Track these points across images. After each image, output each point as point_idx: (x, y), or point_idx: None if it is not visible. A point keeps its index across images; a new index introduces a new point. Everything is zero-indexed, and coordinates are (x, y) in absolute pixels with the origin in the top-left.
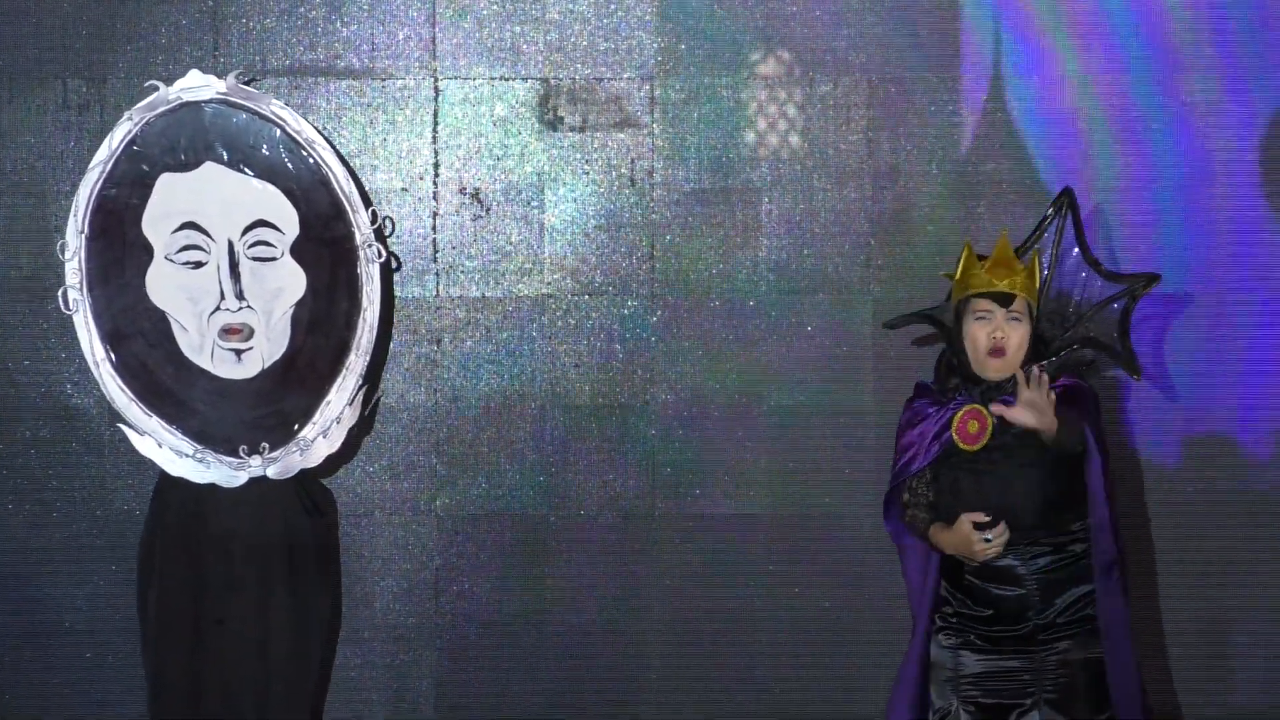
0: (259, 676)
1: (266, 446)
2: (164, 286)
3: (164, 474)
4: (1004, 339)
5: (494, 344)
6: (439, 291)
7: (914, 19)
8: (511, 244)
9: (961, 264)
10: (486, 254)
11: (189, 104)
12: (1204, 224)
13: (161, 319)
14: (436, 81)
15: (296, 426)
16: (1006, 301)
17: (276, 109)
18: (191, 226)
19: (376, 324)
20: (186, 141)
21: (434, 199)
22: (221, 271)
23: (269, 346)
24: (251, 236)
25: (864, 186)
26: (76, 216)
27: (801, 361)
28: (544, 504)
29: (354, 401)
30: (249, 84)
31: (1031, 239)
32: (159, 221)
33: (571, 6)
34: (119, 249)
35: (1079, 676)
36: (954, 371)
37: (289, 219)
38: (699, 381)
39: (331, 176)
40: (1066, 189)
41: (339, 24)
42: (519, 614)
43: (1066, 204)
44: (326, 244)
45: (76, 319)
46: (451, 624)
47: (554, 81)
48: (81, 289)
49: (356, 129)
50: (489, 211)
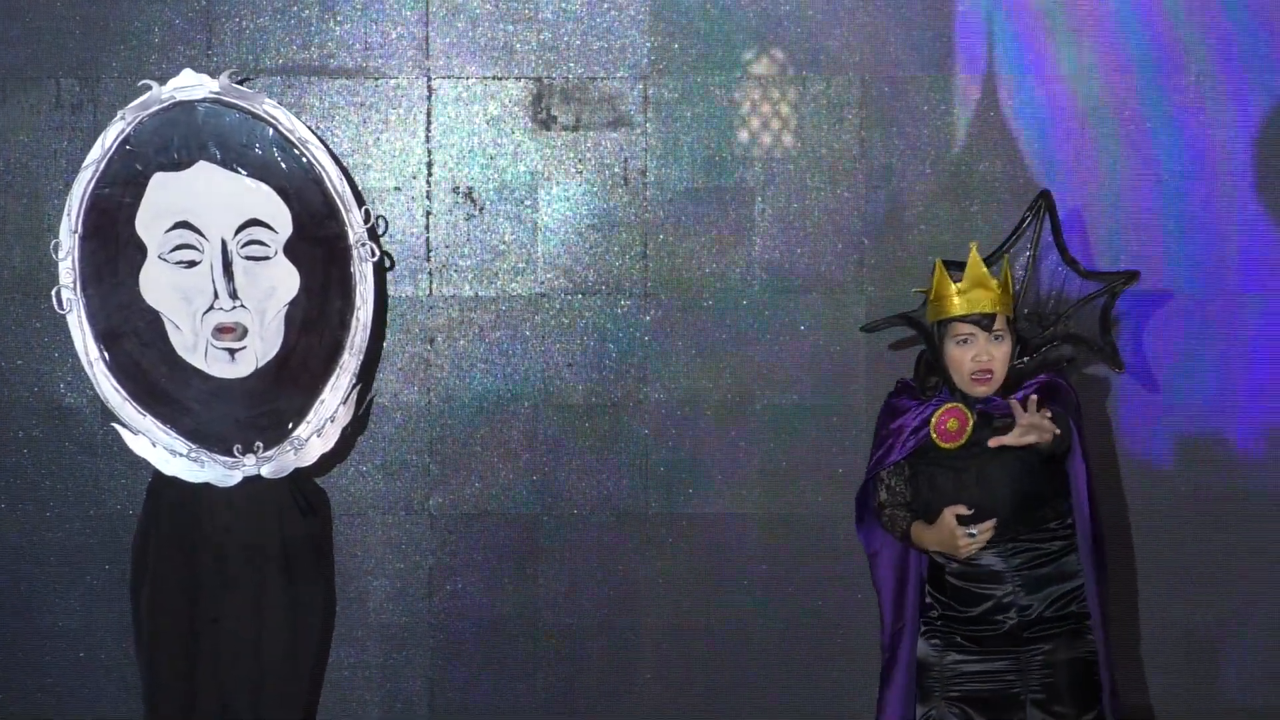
0: (253, 675)
1: (261, 445)
2: (157, 286)
3: (157, 473)
4: (990, 361)
5: (487, 343)
6: (432, 291)
7: (907, 18)
8: (505, 243)
9: (934, 285)
10: (480, 253)
11: (182, 103)
12: (1198, 223)
13: (155, 318)
14: (429, 81)
15: (291, 425)
16: (988, 324)
17: (269, 108)
18: (185, 226)
19: (370, 323)
20: (179, 141)
21: (427, 198)
22: (215, 271)
23: (262, 346)
24: (245, 236)
25: (857, 186)
26: (70, 216)
27: (794, 361)
28: (537, 503)
29: (348, 400)
30: (242, 83)
31: (1008, 242)
32: (152, 221)
33: (564, 6)
34: (113, 248)
35: (1064, 676)
36: (933, 370)
37: (282, 218)
38: (692, 381)
39: (324, 175)
40: (1043, 192)
41: (332, 23)
42: (512, 613)
43: (1044, 206)
44: (319, 243)
45: (70, 318)
46: (444, 623)
47: (547, 81)
48: (75, 288)
49: (349, 128)
50: (482, 211)
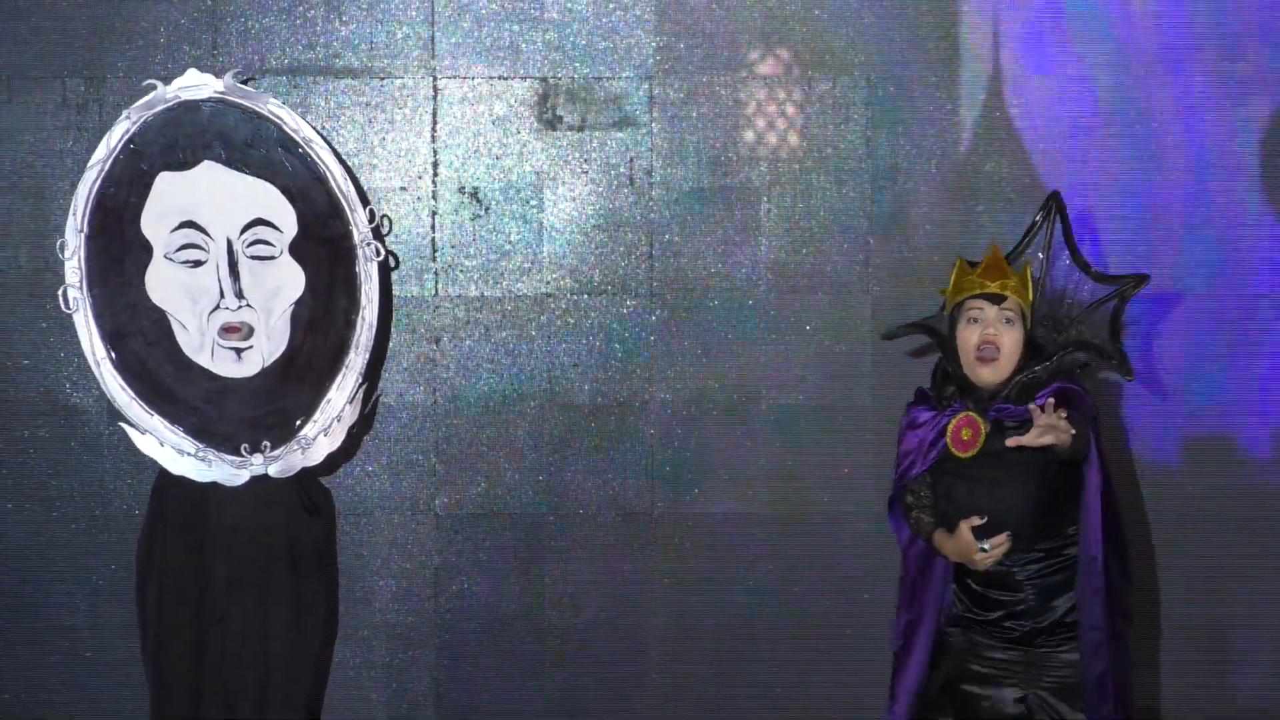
0: (258, 675)
1: (268, 445)
2: (163, 285)
3: (163, 472)
4: (996, 336)
5: (493, 343)
6: (438, 291)
7: (913, 18)
8: (510, 243)
9: (954, 278)
10: (485, 253)
11: (187, 103)
12: (1204, 224)
13: (161, 318)
14: (435, 80)
15: (298, 424)
16: (998, 301)
17: (274, 108)
18: (190, 225)
19: (375, 322)
20: (185, 140)
21: (433, 198)
22: (220, 270)
23: (269, 345)
24: (250, 235)
25: (863, 186)
26: (76, 215)
27: (800, 361)
28: (543, 503)
29: (354, 399)
30: (247, 83)
31: (1021, 244)
32: (158, 220)
33: (570, 6)
34: (118, 248)
35: (1076, 679)
36: (949, 380)
37: (287, 218)
38: (698, 381)
39: (329, 175)
40: (1054, 193)
41: (338, 23)
42: (518, 613)
43: (1054, 208)
44: (325, 243)
45: (76, 318)
46: (450, 623)
47: (553, 81)
48: (81, 288)
49: (355, 128)
50: (488, 211)
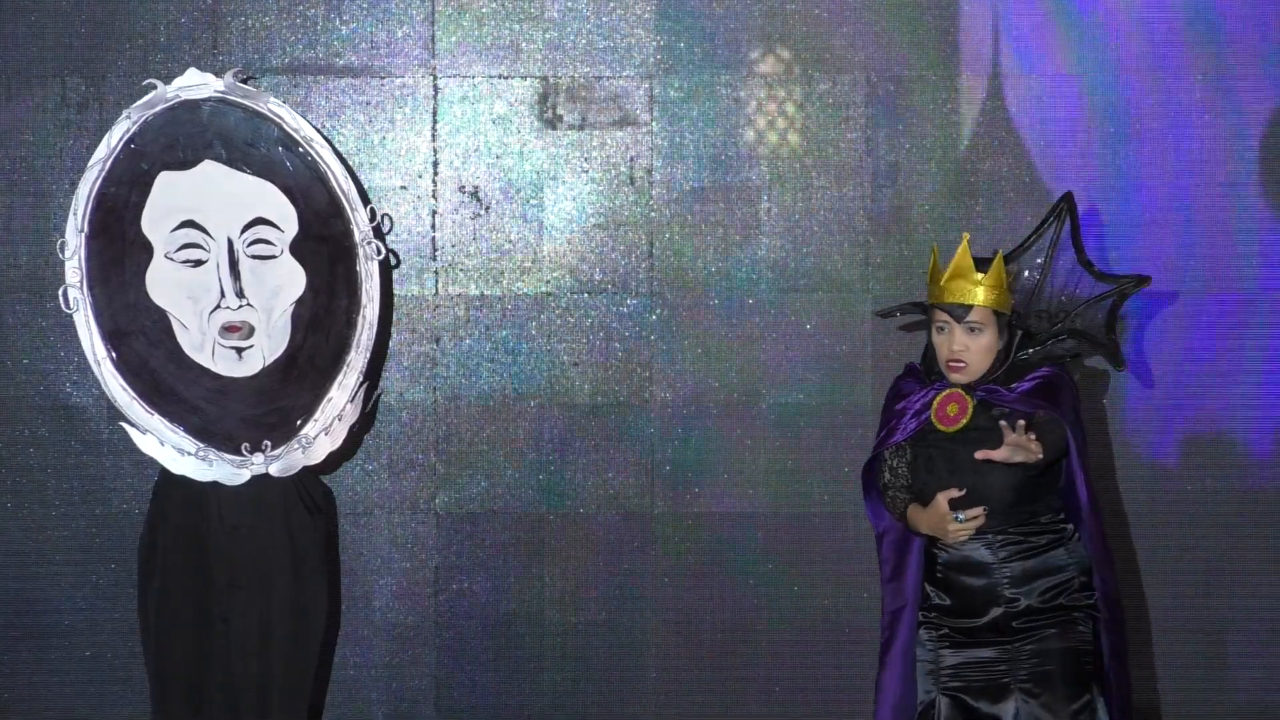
0: (260, 674)
1: (269, 444)
2: (164, 284)
3: (164, 472)
4: (962, 351)
5: (493, 342)
6: (438, 290)
7: (913, 17)
8: (510, 242)
9: (929, 269)
10: (485, 252)
11: (187, 102)
12: (1203, 222)
13: (162, 317)
14: (435, 80)
15: (299, 424)
16: (962, 314)
17: (274, 107)
18: (191, 225)
19: (376, 321)
20: (185, 140)
21: (433, 197)
22: (221, 269)
23: (269, 344)
24: (251, 234)
25: (863, 185)
26: (76, 215)
27: (800, 359)
28: (543, 502)
29: (355, 398)
30: (247, 82)
31: (1030, 240)
32: (158, 220)
33: (570, 5)
34: (119, 247)
35: (1054, 664)
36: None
37: (288, 217)
38: (698, 380)
39: (329, 174)
40: (1067, 194)
41: (338, 22)
42: (518, 612)
43: (1066, 209)
44: (325, 242)
45: (77, 317)
46: (450, 622)
47: (553, 80)
48: (82, 287)
49: (355, 127)
50: (488, 210)
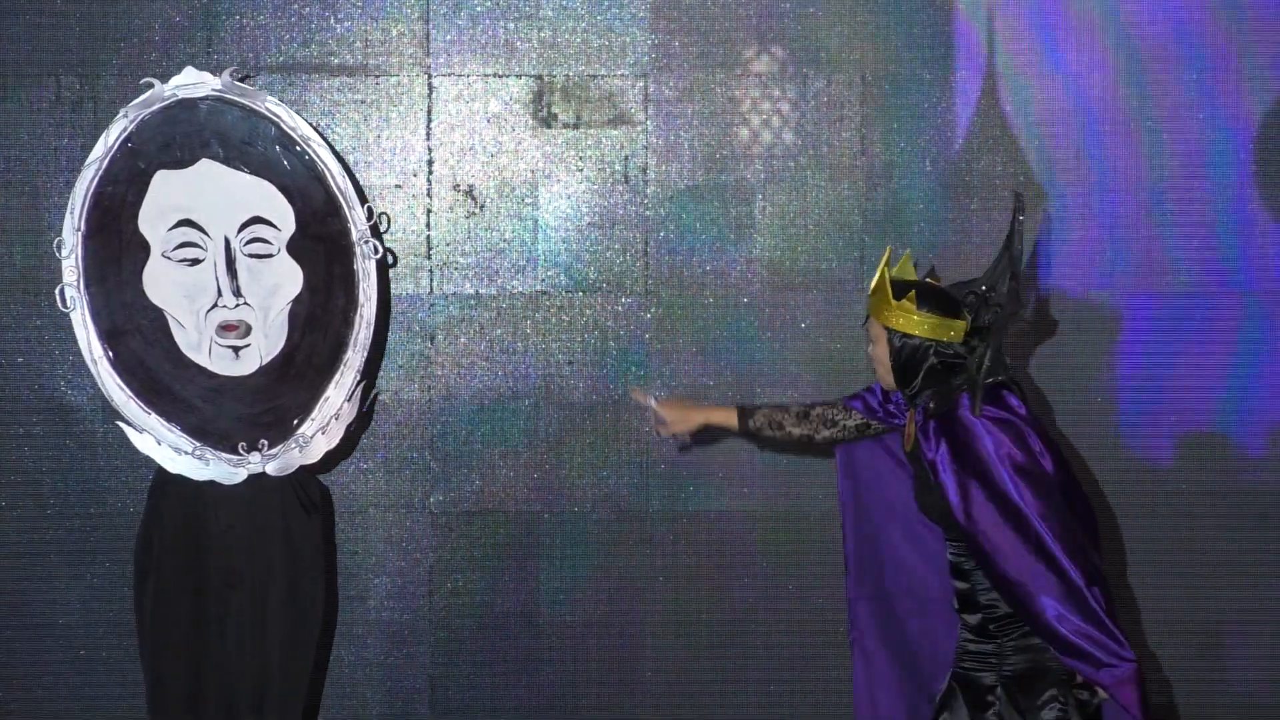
0: (256, 673)
1: (265, 443)
2: (161, 283)
3: (160, 472)
4: (871, 359)
5: (488, 341)
6: (433, 288)
7: (908, 16)
8: (505, 241)
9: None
10: (480, 251)
11: (184, 101)
12: (1197, 221)
13: (159, 316)
14: (430, 78)
15: (295, 423)
16: (865, 324)
17: (271, 106)
18: (188, 223)
19: (373, 320)
20: (182, 138)
21: (428, 196)
22: (218, 268)
23: (266, 343)
24: (248, 233)
25: (858, 183)
26: (73, 214)
27: (795, 358)
28: (537, 501)
29: (352, 397)
30: (244, 81)
31: (1010, 245)
32: (155, 218)
33: (565, 3)
34: (116, 246)
35: (1034, 661)
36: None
37: (285, 216)
38: (693, 379)
39: (327, 173)
40: (1015, 193)
41: (332, 20)
42: (513, 611)
43: (1017, 206)
44: (322, 240)
45: (74, 316)
46: (445, 621)
47: (548, 78)
48: (79, 286)
49: (350, 126)
50: (483, 208)
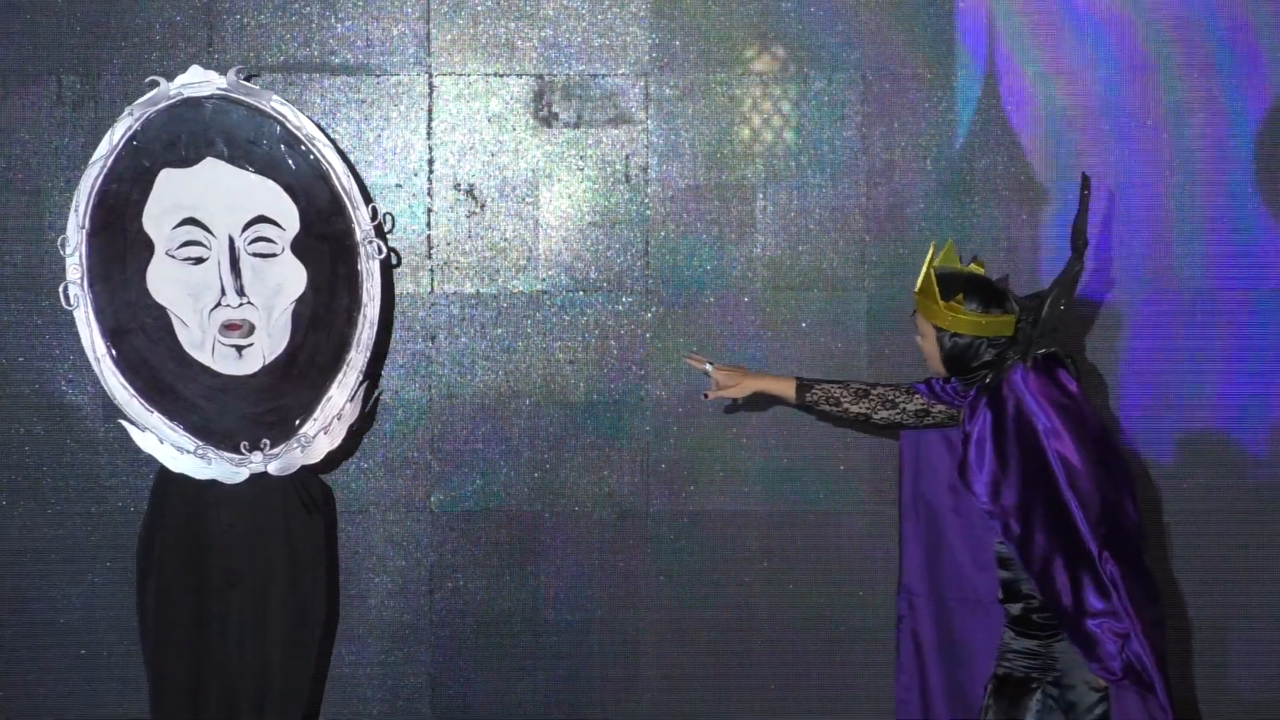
0: (257, 672)
1: (268, 443)
2: (165, 282)
3: (162, 471)
4: (919, 345)
5: (489, 340)
6: (434, 288)
7: (908, 15)
8: (506, 240)
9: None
10: (481, 250)
11: (189, 100)
12: (1198, 220)
13: (162, 315)
14: (431, 77)
15: (298, 422)
16: (912, 315)
17: (276, 105)
18: (192, 222)
19: (377, 320)
20: (187, 137)
21: (428, 195)
22: (222, 267)
23: (270, 342)
24: (252, 233)
25: (858, 182)
26: (77, 212)
27: (796, 358)
28: (538, 500)
29: (355, 397)
30: (249, 80)
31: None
32: (160, 217)
33: (566, 3)
34: (120, 244)
35: (1077, 661)
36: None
37: (289, 215)
38: (693, 378)
39: (331, 172)
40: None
41: (333, 20)
42: (513, 610)
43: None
44: (327, 240)
45: (77, 314)
46: (446, 620)
47: (548, 78)
48: (82, 284)
49: (351, 125)
50: (484, 208)
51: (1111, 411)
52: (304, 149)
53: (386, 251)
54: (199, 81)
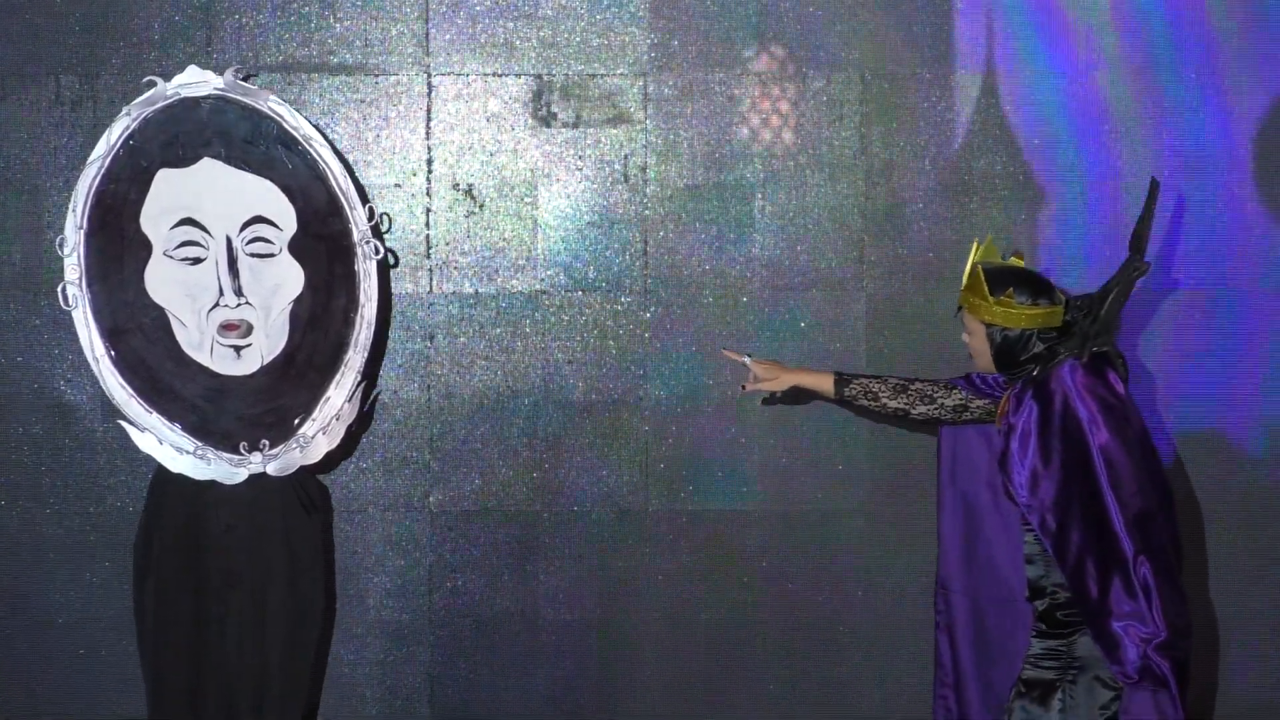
0: (255, 672)
1: (267, 443)
2: (163, 282)
3: (159, 470)
4: (969, 345)
5: (487, 340)
6: (432, 287)
7: (907, 15)
8: (505, 240)
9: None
10: (480, 250)
11: (187, 99)
12: (1196, 219)
13: (160, 315)
14: (430, 77)
15: (296, 423)
16: (958, 313)
17: (274, 105)
18: (190, 222)
19: (375, 320)
20: (184, 137)
21: (427, 195)
22: (220, 268)
23: (268, 343)
24: (249, 233)
25: (857, 182)
26: (75, 212)
27: (795, 357)
28: (537, 500)
29: (353, 398)
30: (246, 80)
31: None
32: (157, 217)
33: (564, 2)
34: (118, 245)
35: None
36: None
37: (287, 215)
38: (692, 378)
39: (329, 172)
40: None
41: (332, 20)
42: (512, 610)
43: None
44: (324, 240)
45: (75, 315)
46: (445, 620)
47: (547, 77)
48: (80, 284)
49: (350, 125)
50: (482, 207)
51: None
52: (302, 149)
53: (384, 252)
54: (196, 81)
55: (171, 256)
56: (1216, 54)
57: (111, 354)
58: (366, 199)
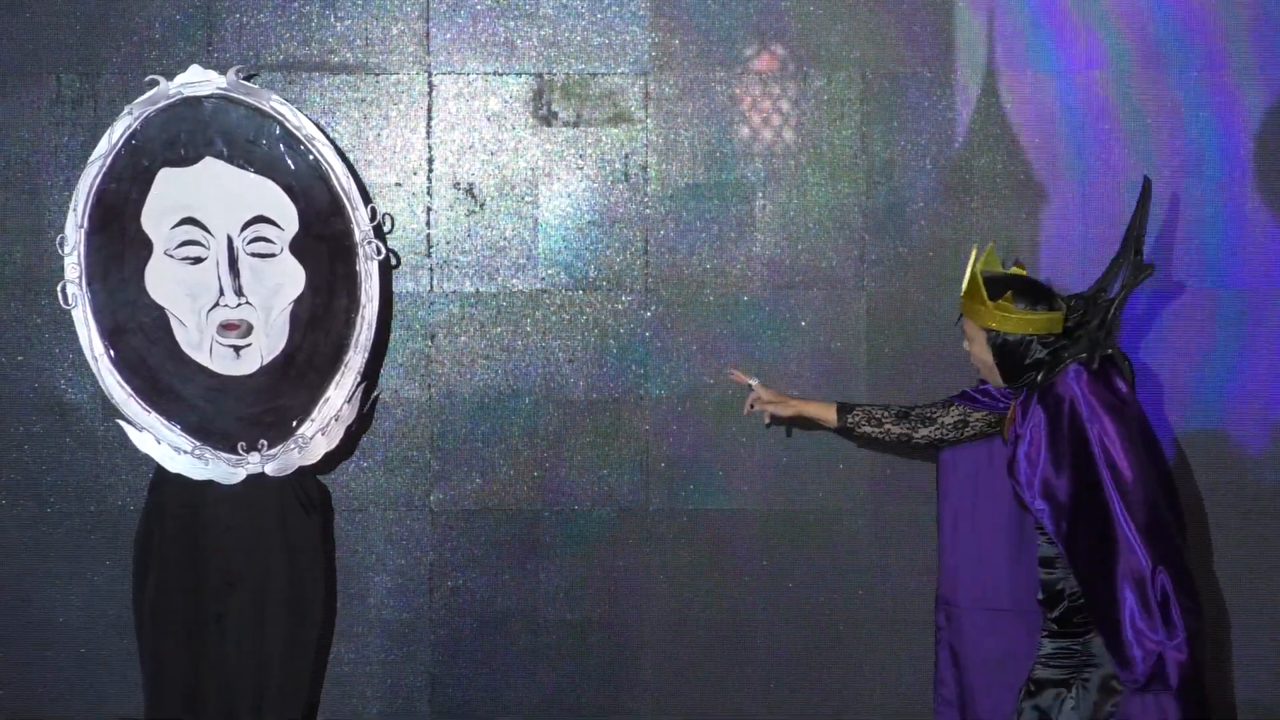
0: (255, 672)
1: (265, 443)
2: (163, 282)
3: (159, 470)
4: (970, 356)
5: (488, 339)
6: (433, 287)
7: (908, 14)
8: (505, 239)
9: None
10: (480, 249)
11: (189, 99)
12: (1198, 218)
13: (160, 314)
14: (430, 76)
15: (295, 423)
16: (958, 320)
17: (276, 104)
18: (191, 222)
19: (375, 321)
20: (186, 136)
21: (428, 194)
22: (221, 267)
23: (268, 343)
24: (251, 232)
25: (858, 181)
26: (76, 211)
27: (795, 357)
28: (538, 499)
29: (353, 399)
30: (249, 79)
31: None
32: (158, 216)
33: (565, 2)
34: (119, 244)
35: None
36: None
37: (288, 215)
38: (693, 377)
39: (331, 173)
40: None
41: (333, 19)
42: (513, 609)
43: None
44: (325, 240)
45: (75, 314)
46: (445, 619)
47: (548, 76)
48: (80, 283)
49: (350, 124)
50: (483, 207)
51: None
52: (303, 149)
53: (385, 252)
54: (198, 81)
55: (172, 256)
56: (1217, 55)
57: (111, 353)
58: (369, 199)
